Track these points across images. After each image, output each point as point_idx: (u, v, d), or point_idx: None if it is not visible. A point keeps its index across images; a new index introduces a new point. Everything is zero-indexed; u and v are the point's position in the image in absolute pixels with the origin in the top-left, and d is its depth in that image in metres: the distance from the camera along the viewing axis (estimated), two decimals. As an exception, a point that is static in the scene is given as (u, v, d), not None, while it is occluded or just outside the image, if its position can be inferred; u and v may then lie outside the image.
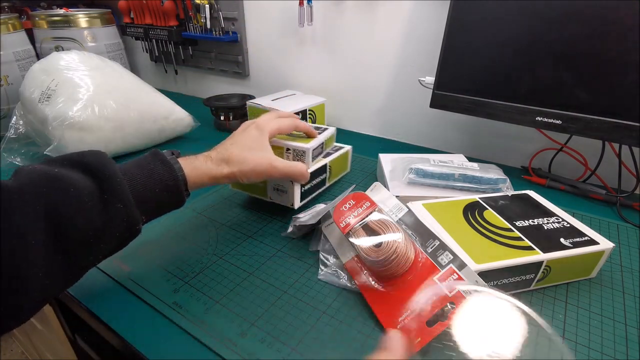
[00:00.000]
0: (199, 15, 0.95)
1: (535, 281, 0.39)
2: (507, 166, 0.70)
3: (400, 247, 0.38)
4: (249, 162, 0.44)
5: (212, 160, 0.43)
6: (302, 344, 0.35)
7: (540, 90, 0.53)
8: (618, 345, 0.35)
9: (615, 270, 0.44)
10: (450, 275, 0.35)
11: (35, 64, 0.70)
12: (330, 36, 0.83)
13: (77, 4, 1.22)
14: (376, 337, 0.35)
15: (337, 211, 0.44)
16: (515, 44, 0.53)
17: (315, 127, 0.61)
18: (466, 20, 0.56)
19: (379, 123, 0.86)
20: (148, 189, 0.36)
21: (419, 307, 0.33)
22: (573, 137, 0.63)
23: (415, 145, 0.82)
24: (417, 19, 0.71)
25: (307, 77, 0.91)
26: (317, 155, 0.55)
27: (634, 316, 0.38)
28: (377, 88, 0.82)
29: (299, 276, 0.43)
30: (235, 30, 0.96)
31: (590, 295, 0.41)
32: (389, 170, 0.58)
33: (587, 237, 0.41)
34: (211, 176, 0.42)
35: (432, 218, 0.44)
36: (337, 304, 0.39)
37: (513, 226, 0.42)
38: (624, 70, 0.47)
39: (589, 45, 0.48)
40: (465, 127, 0.75)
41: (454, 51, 0.58)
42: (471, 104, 0.58)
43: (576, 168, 0.65)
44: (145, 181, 0.36)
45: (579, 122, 0.51)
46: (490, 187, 0.54)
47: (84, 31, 0.96)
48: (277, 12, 0.88)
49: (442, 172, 0.54)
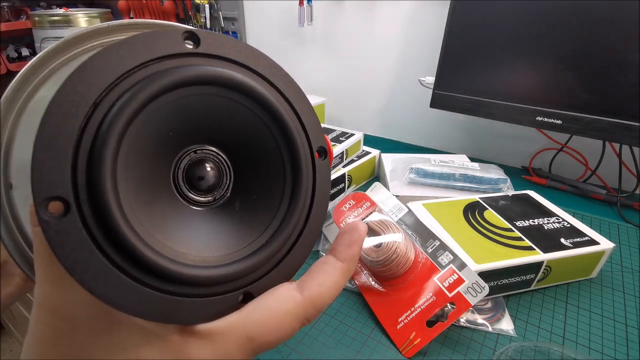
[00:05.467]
0: (198, 15, 0.95)
1: (535, 281, 0.39)
2: (508, 166, 0.70)
3: (400, 247, 0.38)
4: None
5: None
6: (302, 344, 0.34)
7: (540, 90, 0.53)
8: (618, 346, 0.35)
9: (616, 271, 0.44)
10: (450, 275, 0.35)
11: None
12: (330, 36, 0.83)
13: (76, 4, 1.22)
14: (376, 337, 0.35)
15: (337, 211, 0.44)
16: (515, 44, 0.53)
17: (342, 132, 0.61)
18: (466, 20, 0.56)
19: (379, 123, 0.85)
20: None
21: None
22: (573, 137, 0.63)
23: (415, 145, 0.81)
24: (417, 19, 0.71)
25: (307, 77, 0.91)
26: (337, 164, 0.55)
27: (635, 316, 0.38)
28: (377, 88, 0.82)
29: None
30: (235, 30, 0.96)
31: (590, 295, 0.40)
32: (390, 170, 0.58)
33: (587, 237, 0.41)
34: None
35: (432, 218, 0.44)
36: (337, 304, 0.39)
37: (513, 226, 0.42)
38: (624, 70, 0.47)
39: (589, 45, 0.48)
40: (466, 127, 0.75)
41: (454, 51, 0.58)
42: (471, 104, 0.58)
43: (576, 168, 0.65)
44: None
45: (579, 122, 0.51)
46: (491, 187, 0.54)
47: (84, 31, 0.96)
48: (277, 12, 0.88)
49: (442, 172, 0.53)
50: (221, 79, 0.16)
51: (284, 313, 0.16)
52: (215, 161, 0.18)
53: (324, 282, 0.18)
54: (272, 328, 0.16)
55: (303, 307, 0.17)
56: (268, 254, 0.17)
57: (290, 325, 0.17)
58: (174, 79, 0.15)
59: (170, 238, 0.16)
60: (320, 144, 0.20)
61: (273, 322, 0.16)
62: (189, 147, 0.18)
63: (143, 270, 0.14)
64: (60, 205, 0.13)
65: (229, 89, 0.17)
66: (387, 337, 0.35)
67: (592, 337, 0.36)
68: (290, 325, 0.17)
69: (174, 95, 0.16)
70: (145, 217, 0.15)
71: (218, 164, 0.18)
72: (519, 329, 0.36)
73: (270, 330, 0.16)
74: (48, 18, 0.94)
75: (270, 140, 0.18)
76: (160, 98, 0.15)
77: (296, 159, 0.18)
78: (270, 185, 0.18)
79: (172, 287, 0.15)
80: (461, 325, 0.36)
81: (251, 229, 0.18)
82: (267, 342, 0.16)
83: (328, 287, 0.18)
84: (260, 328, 0.16)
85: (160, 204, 0.16)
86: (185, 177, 0.17)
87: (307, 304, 0.17)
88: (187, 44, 0.16)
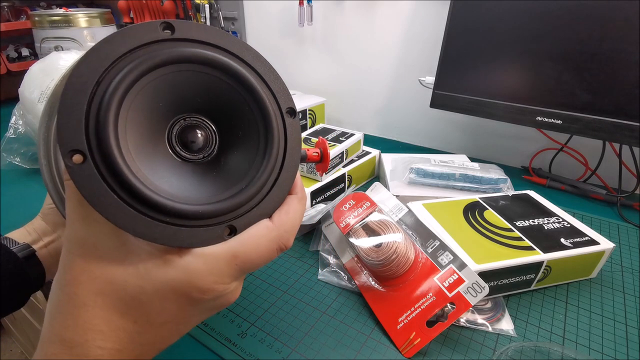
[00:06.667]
0: (198, 15, 0.94)
1: (535, 281, 0.39)
2: (507, 166, 0.70)
3: (400, 247, 0.38)
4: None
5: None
6: (302, 344, 0.34)
7: (540, 90, 0.53)
8: (618, 346, 0.35)
9: (616, 271, 0.44)
10: (450, 275, 0.35)
11: (34, 64, 0.70)
12: (330, 36, 0.83)
13: (76, 3, 1.22)
14: (376, 337, 0.35)
15: (337, 211, 0.44)
16: (515, 44, 0.53)
17: (342, 132, 0.61)
18: (466, 20, 0.56)
19: (379, 123, 0.85)
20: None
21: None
22: (573, 137, 0.63)
23: (415, 145, 0.81)
24: (417, 19, 0.71)
25: (307, 77, 0.91)
26: (337, 164, 0.56)
27: (635, 316, 0.38)
28: (377, 88, 0.82)
29: (299, 276, 0.43)
30: (235, 30, 0.95)
31: (590, 295, 0.40)
32: (390, 170, 0.58)
33: (587, 237, 0.41)
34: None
35: (433, 218, 0.44)
36: (337, 304, 0.39)
37: (513, 226, 0.42)
38: (624, 70, 0.47)
39: (589, 45, 0.48)
40: (466, 127, 0.75)
41: (454, 51, 0.58)
42: (471, 104, 0.58)
43: (576, 168, 0.65)
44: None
45: (579, 122, 0.51)
46: (491, 187, 0.54)
47: (84, 31, 0.96)
48: (277, 12, 0.88)
49: (442, 172, 0.53)
50: (193, 56, 0.20)
51: (260, 236, 0.22)
52: (204, 127, 0.23)
53: (288, 210, 0.23)
54: (252, 247, 0.21)
55: (276, 231, 0.22)
56: (247, 195, 0.22)
57: (267, 246, 0.22)
58: (155, 61, 0.19)
59: (166, 183, 0.20)
60: (289, 105, 0.24)
61: (252, 243, 0.21)
62: (179, 116, 0.22)
63: (143, 205, 0.19)
64: (79, 157, 0.18)
65: (202, 64, 0.21)
66: (387, 337, 0.35)
67: (592, 337, 0.36)
68: (267, 247, 0.22)
69: (158, 73, 0.20)
70: (145, 167, 0.20)
71: (206, 129, 0.23)
72: (519, 329, 0.36)
73: (250, 249, 0.21)
74: (48, 18, 0.94)
75: (245, 105, 0.22)
76: (147, 76, 0.19)
77: (267, 118, 0.22)
78: (248, 142, 0.23)
79: (169, 219, 0.20)
80: (461, 325, 0.36)
81: (234, 177, 0.22)
82: (250, 260, 0.21)
83: (291, 212, 0.23)
84: (243, 247, 0.21)
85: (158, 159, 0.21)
86: (179, 140, 0.22)
87: (279, 227, 0.22)
88: (165, 33, 0.20)
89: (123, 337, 0.20)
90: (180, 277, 0.20)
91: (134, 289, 0.19)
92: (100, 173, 0.18)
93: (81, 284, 0.19)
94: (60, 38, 0.95)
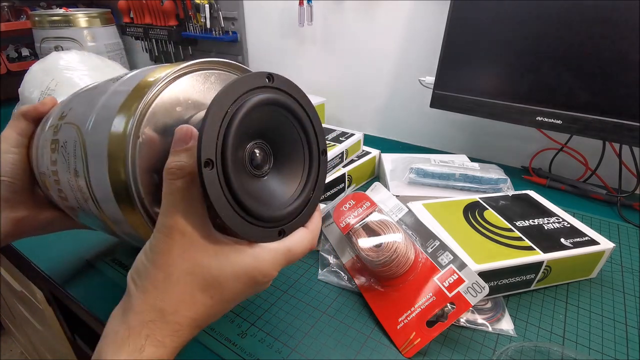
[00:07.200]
0: (198, 15, 0.94)
1: (535, 281, 0.39)
2: (507, 166, 0.70)
3: (401, 247, 0.38)
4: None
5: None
6: (302, 344, 0.34)
7: (540, 90, 0.53)
8: (618, 346, 0.35)
9: (616, 271, 0.44)
10: (450, 275, 0.35)
11: (34, 64, 0.70)
12: (330, 36, 0.83)
13: (76, 3, 1.22)
14: (376, 337, 0.35)
15: (337, 211, 0.44)
16: (515, 44, 0.53)
17: (342, 132, 0.61)
18: (466, 20, 0.56)
19: (379, 123, 0.85)
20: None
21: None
22: (573, 137, 0.63)
23: (415, 145, 0.81)
24: (417, 19, 0.71)
25: (307, 77, 0.91)
26: (337, 164, 0.56)
27: (635, 316, 0.38)
28: (377, 88, 0.82)
29: (299, 276, 0.43)
30: (235, 30, 0.95)
31: (590, 295, 0.40)
32: (390, 170, 0.58)
33: (587, 237, 0.41)
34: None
35: (433, 218, 0.44)
36: (337, 304, 0.39)
37: (513, 226, 0.42)
38: (624, 70, 0.47)
39: (589, 45, 0.48)
40: (466, 127, 0.75)
41: (454, 51, 0.58)
42: (471, 104, 0.58)
43: (576, 168, 0.65)
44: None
45: (579, 122, 0.51)
46: (491, 187, 0.54)
47: (84, 31, 0.96)
48: (277, 12, 0.88)
49: (442, 172, 0.53)
50: (276, 101, 0.28)
51: (304, 238, 0.29)
52: (266, 150, 0.29)
53: (315, 221, 0.31)
54: (299, 245, 0.28)
55: (311, 235, 0.30)
56: (295, 209, 0.29)
57: (307, 246, 0.29)
58: (259, 100, 0.26)
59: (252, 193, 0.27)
60: (324, 147, 0.32)
61: (299, 242, 0.28)
62: (253, 141, 0.28)
63: (241, 209, 0.25)
64: (210, 164, 0.23)
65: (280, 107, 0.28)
66: (387, 337, 0.35)
67: (592, 337, 0.36)
68: (307, 246, 0.29)
69: (256, 110, 0.26)
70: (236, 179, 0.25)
71: (265, 152, 0.29)
72: (519, 329, 0.36)
73: (298, 247, 0.28)
74: (48, 18, 0.94)
75: (299, 141, 0.30)
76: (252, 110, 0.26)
77: (312, 154, 0.31)
78: (294, 168, 0.30)
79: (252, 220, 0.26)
80: (461, 325, 0.36)
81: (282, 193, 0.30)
82: (297, 255, 0.28)
83: (317, 223, 0.31)
84: (294, 244, 0.28)
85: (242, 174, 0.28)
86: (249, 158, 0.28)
87: (312, 232, 0.30)
88: (267, 80, 0.27)
89: (200, 309, 0.25)
90: (252, 263, 0.26)
91: (216, 271, 0.25)
92: (219, 180, 0.24)
93: (177, 265, 0.24)
94: (60, 38, 0.95)
